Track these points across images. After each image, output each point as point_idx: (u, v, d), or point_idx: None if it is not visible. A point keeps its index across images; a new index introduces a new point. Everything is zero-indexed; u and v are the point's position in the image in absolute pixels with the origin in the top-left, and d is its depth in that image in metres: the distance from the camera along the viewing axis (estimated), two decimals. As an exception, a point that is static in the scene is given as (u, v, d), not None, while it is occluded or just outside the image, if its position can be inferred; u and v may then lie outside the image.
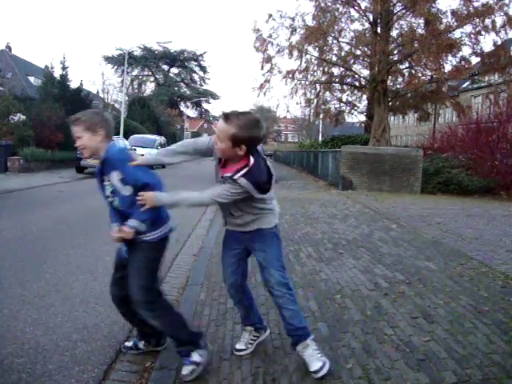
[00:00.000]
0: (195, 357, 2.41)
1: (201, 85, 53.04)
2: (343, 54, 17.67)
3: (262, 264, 2.51)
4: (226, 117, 2.17)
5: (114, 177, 2.31)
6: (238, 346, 2.67)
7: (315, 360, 2.38)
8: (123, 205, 2.35)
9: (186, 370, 2.37)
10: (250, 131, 2.18)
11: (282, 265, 2.50)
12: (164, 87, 46.17)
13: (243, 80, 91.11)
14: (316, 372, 2.34)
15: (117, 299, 2.58)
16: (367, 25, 17.63)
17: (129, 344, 2.75)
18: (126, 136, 22.59)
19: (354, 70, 18.32)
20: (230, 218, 2.49)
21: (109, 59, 43.74)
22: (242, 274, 2.61)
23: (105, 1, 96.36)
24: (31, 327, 3.07)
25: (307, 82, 18.27)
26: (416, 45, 15.34)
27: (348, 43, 17.72)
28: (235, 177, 2.23)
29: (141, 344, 2.72)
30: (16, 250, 5.14)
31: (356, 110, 20.29)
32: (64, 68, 24.63)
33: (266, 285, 2.54)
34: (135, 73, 48.12)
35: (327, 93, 19.33)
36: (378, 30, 17.10)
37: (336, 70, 18.55)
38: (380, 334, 2.86)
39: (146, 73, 49.37)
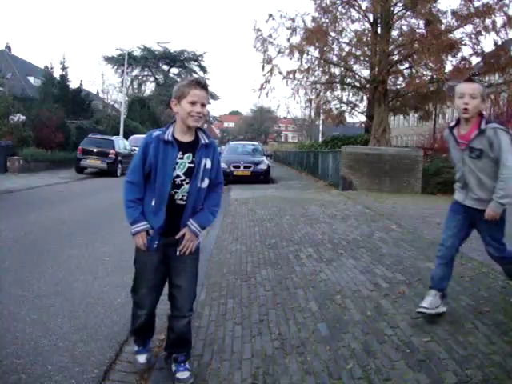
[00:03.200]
0: (188, 365, 2.47)
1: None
2: (344, 54, 17.64)
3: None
4: (470, 79, 2.72)
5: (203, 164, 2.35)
6: None
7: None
8: (192, 195, 2.33)
9: (185, 375, 2.38)
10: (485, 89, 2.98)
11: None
12: (164, 87, 46.06)
13: (243, 80, 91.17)
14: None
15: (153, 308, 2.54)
16: (367, 25, 17.61)
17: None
18: (126, 136, 22.56)
19: (354, 70, 18.29)
20: None
21: (109, 59, 43.66)
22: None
23: (105, 1, 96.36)
24: (31, 328, 3.07)
25: (308, 83, 18.24)
26: (416, 45, 15.31)
27: (348, 43, 17.70)
28: (484, 127, 2.78)
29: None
30: (16, 251, 5.14)
31: (356, 111, 20.26)
32: (64, 68, 24.70)
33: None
34: (135, 73, 48.02)
35: (328, 93, 19.30)
36: (379, 30, 17.07)
37: (336, 71, 18.52)
38: (380, 334, 2.86)
39: (145, 73, 49.27)
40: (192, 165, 2.32)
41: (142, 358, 2.57)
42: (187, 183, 2.32)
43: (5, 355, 2.66)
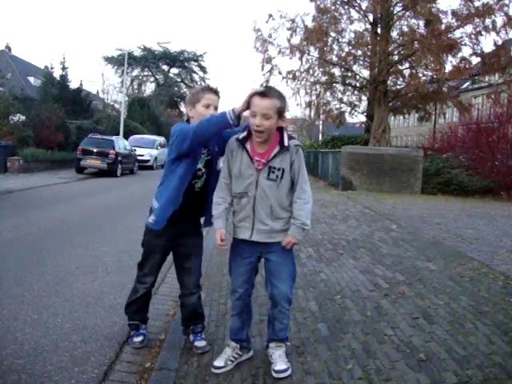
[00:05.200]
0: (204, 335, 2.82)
1: (201, 85, 53.10)
2: (344, 54, 17.64)
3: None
4: (264, 94, 2.24)
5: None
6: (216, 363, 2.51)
7: (282, 361, 2.42)
8: (211, 183, 2.59)
9: (202, 343, 2.74)
10: (285, 100, 2.34)
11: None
12: (164, 87, 46.04)
13: (243, 80, 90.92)
14: (279, 372, 2.37)
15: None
16: (367, 25, 17.62)
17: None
18: (126, 136, 22.55)
19: (354, 70, 18.29)
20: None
21: (109, 59, 43.62)
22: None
23: (105, 1, 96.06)
24: (31, 328, 3.07)
25: (308, 83, 18.24)
26: (416, 45, 15.32)
27: (348, 44, 17.69)
28: (287, 143, 2.33)
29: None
30: (16, 251, 5.14)
31: (356, 111, 20.26)
32: (64, 68, 24.63)
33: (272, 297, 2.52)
34: (135, 73, 47.93)
35: (328, 93, 19.30)
36: (379, 30, 17.08)
37: (336, 71, 18.52)
38: (380, 334, 2.86)
39: (145, 73, 49.21)
40: (208, 157, 2.60)
41: (136, 339, 2.84)
42: (206, 174, 2.60)
43: (5, 355, 2.66)
